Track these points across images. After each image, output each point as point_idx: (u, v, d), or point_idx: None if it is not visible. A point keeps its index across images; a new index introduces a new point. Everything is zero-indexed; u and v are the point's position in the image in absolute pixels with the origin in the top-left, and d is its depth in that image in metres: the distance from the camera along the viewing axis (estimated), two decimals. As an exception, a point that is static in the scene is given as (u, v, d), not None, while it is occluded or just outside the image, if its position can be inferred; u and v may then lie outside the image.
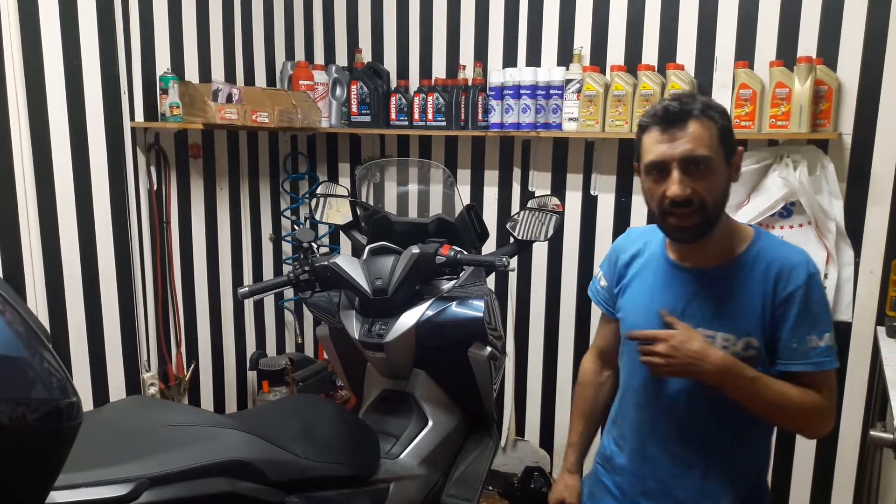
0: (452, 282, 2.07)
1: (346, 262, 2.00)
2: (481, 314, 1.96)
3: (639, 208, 2.78)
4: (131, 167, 2.66)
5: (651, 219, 1.57)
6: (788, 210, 2.48)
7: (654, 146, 1.35)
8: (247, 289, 2.00)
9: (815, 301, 1.37)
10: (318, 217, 2.39)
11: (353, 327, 2.02)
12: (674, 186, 1.33)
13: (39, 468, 0.89)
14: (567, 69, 2.74)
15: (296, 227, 3.46)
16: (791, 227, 2.49)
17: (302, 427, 1.78)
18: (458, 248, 2.02)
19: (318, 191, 2.47)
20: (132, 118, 2.64)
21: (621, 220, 2.81)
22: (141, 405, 1.79)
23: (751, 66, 2.49)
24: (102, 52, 2.49)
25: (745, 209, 2.52)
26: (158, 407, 1.80)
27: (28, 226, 2.35)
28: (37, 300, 2.40)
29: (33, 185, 2.35)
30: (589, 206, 2.87)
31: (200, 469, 1.43)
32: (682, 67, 2.56)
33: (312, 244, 2.07)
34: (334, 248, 3.47)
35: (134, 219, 2.68)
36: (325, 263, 1.99)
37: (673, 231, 1.41)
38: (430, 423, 2.03)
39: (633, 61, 2.68)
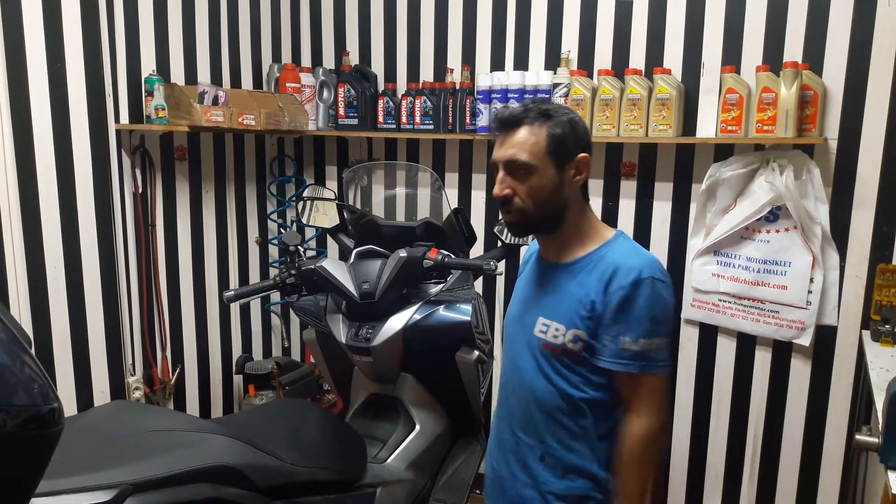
0: (440, 286, 2.07)
1: (333, 265, 1.99)
2: (469, 318, 1.96)
3: (626, 212, 2.78)
4: (116, 170, 2.63)
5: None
6: (775, 214, 2.49)
7: (495, 149, 1.52)
8: (232, 292, 1.98)
9: (637, 305, 1.40)
10: (304, 220, 2.37)
11: (340, 331, 2.01)
12: (495, 186, 1.51)
13: (20, 475, 0.87)
14: (555, 73, 2.75)
15: (282, 231, 3.44)
16: (777, 231, 2.50)
17: (288, 432, 1.78)
18: (446, 252, 2.01)
19: (305, 194, 2.45)
20: (117, 120, 2.62)
21: (608, 224, 2.80)
22: (124, 410, 1.78)
23: (737, 71, 2.50)
24: (87, 53, 2.47)
25: (732, 213, 2.54)
26: (142, 412, 1.79)
27: (11, 229, 2.32)
28: (20, 304, 2.37)
29: (16, 187, 2.32)
30: (576, 209, 2.87)
31: (185, 475, 1.42)
32: (669, 72, 2.57)
33: (299, 247, 2.06)
34: (321, 251, 3.45)
35: (119, 222, 2.66)
36: (312, 267, 1.98)
37: (505, 224, 1.59)
38: (418, 427, 2.03)
39: (620, 65, 2.69)
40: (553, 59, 2.82)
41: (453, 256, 2.02)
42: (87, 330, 2.58)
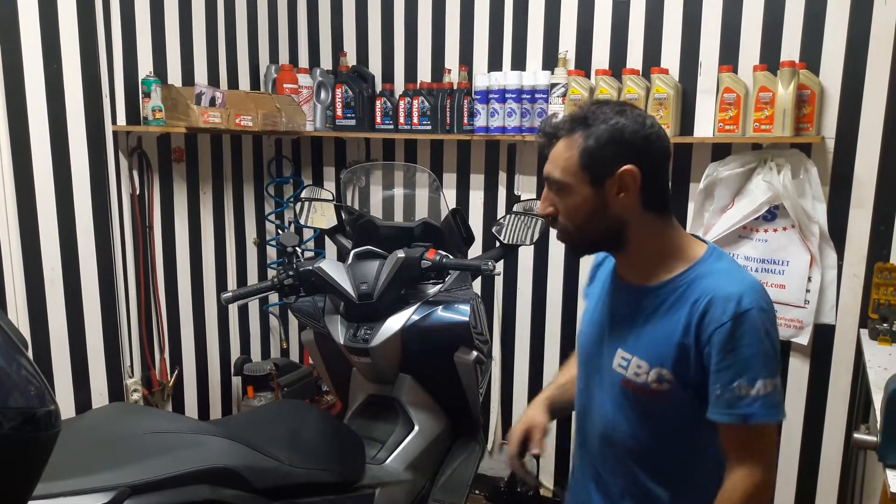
0: (438, 286, 2.07)
1: (331, 266, 1.99)
2: (467, 318, 1.96)
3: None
4: (113, 171, 2.63)
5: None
6: (772, 213, 2.49)
7: None
8: (230, 294, 1.98)
9: (745, 343, 1.18)
10: (302, 221, 2.37)
11: (338, 332, 2.01)
12: (539, 203, 1.35)
13: (16, 478, 0.87)
14: (552, 73, 2.74)
15: (280, 232, 3.44)
16: (775, 230, 2.50)
17: (286, 433, 1.77)
18: (444, 253, 2.01)
19: (303, 194, 2.45)
20: (114, 122, 2.61)
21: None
22: (122, 412, 1.77)
23: (735, 71, 2.50)
24: (83, 54, 2.46)
25: (730, 213, 2.54)
26: (140, 414, 1.78)
27: (8, 231, 2.32)
28: (17, 306, 2.37)
29: (13, 189, 2.32)
30: (574, 209, 2.87)
31: (183, 476, 1.42)
32: (666, 71, 2.57)
33: (297, 248, 2.05)
34: (319, 251, 3.45)
35: (116, 223, 2.65)
36: (310, 268, 1.97)
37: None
38: (416, 427, 2.03)
39: (617, 65, 2.69)
40: (550, 59, 2.82)
41: (451, 257, 2.02)
42: (85, 332, 2.57)
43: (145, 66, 2.71)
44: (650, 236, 1.30)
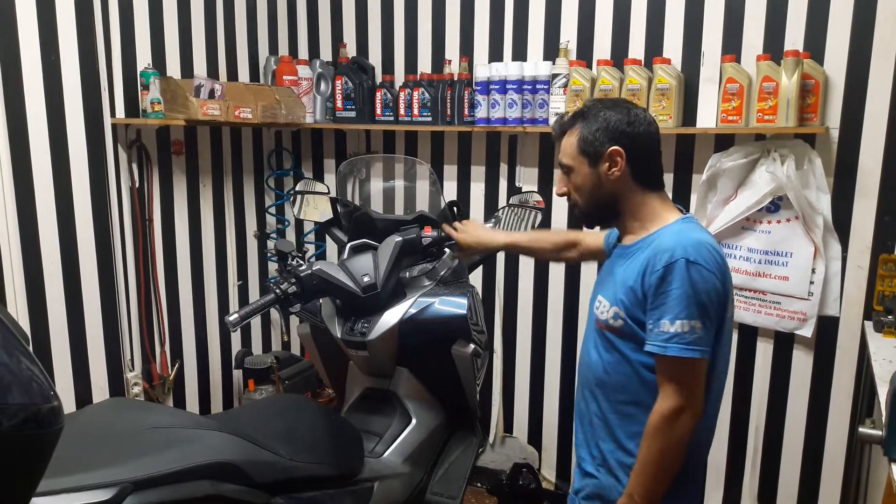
0: (433, 266, 2.06)
1: (328, 266, 1.98)
2: (465, 311, 1.95)
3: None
4: (112, 164, 2.62)
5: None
6: (776, 205, 2.47)
7: None
8: (236, 316, 1.81)
9: (671, 288, 1.42)
10: (296, 214, 2.35)
11: (335, 325, 2.00)
12: (555, 186, 1.68)
13: (19, 476, 0.86)
14: (553, 64, 2.72)
15: (279, 225, 3.43)
16: (779, 221, 2.48)
17: (286, 427, 1.77)
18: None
19: (297, 188, 2.43)
20: (113, 114, 2.60)
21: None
22: (122, 407, 1.77)
23: (738, 60, 2.47)
24: (81, 46, 2.45)
25: (733, 204, 2.52)
26: (140, 409, 1.78)
27: (7, 225, 2.31)
28: (17, 300, 2.36)
29: (11, 183, 2.31)
30: (576, 201, 2.85)
31: (184, 472, 1.43)
32: (668, 61, 2.54)
33: (293, 253, 2.02)
34: (320, 244, 3.44)
35: (116, 217, 2.64)
36: (311, 271, 1.94)
37: None
38: (414, 421, 2.02)
39: (619, 55, 2.66)
40: (552, 50, 2.79)
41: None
42: (85, 326, 2.57)
43: (144, 58, 2.70)
44: (635, 206, 1.57)
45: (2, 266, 2.31)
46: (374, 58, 3.19)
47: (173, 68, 2.83)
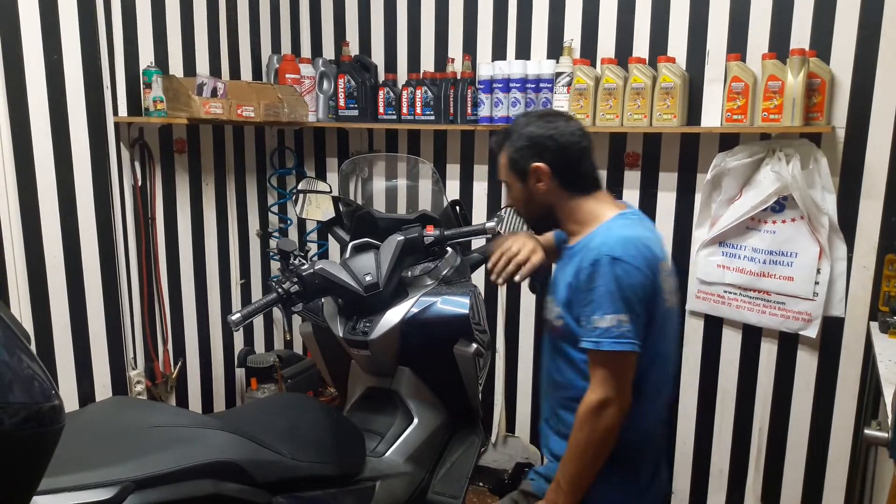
0: (437, 266, 2.05)
1: (330, 265, 1.97)
2: (467, 311, 1.94)
3: (630, 202, 2.75)
4: (115, 163, 2.61)
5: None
6: (781, 204, 2.46)
7: None
8: (239, 315, 1.82)
9: (596, 284, 1.48)
10: (298, 213, 2.35)
11: (337, 325, 1.99)
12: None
13: (20, 474, 0.86)
14: (557, 62, 2.71)
15: (281, 224, 3.42)
16: (783, 221, 2.46)
17: (287, 426, 1.77)
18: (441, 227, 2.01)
19: (300, 186, 2.42)
20: (115, 113, 2.60)
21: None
22: (124, 406, 1.77)
23: (743, 59, 2.46)
24: (84, 45, 2.44)
25: (738, 203, 2.50)
26: (141, 407, 1.77)
27: (10, 223, 2.31)
28: (20, 298, 2.36)
29: (14, 181, 2.30)
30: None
31: (186, 471, 1.42)
32: (673, 60, 2.53)
33: (295, 252, 2.01)
34: (323, 243, 3.43)
35: (118, 215, 2.64)
36: (313, 271, 1.93)
37: None
38: (416, 420, 2.01)
39: (623, 54, 2.65)
40: (555, 48, 2.78)
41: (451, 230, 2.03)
42: (88, 324, 2.57)
43: (146, 57, 2.70)
44: (573, 212, 1.63)
45: (5, 264, 2.31)
46: (377, 56, 3.18)
47: (176, 67, 2.82)
